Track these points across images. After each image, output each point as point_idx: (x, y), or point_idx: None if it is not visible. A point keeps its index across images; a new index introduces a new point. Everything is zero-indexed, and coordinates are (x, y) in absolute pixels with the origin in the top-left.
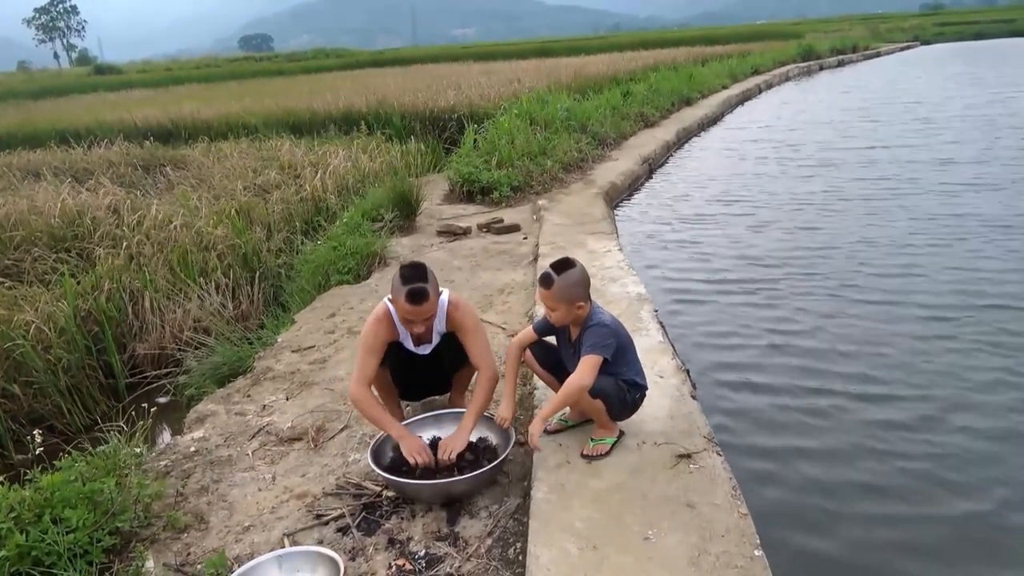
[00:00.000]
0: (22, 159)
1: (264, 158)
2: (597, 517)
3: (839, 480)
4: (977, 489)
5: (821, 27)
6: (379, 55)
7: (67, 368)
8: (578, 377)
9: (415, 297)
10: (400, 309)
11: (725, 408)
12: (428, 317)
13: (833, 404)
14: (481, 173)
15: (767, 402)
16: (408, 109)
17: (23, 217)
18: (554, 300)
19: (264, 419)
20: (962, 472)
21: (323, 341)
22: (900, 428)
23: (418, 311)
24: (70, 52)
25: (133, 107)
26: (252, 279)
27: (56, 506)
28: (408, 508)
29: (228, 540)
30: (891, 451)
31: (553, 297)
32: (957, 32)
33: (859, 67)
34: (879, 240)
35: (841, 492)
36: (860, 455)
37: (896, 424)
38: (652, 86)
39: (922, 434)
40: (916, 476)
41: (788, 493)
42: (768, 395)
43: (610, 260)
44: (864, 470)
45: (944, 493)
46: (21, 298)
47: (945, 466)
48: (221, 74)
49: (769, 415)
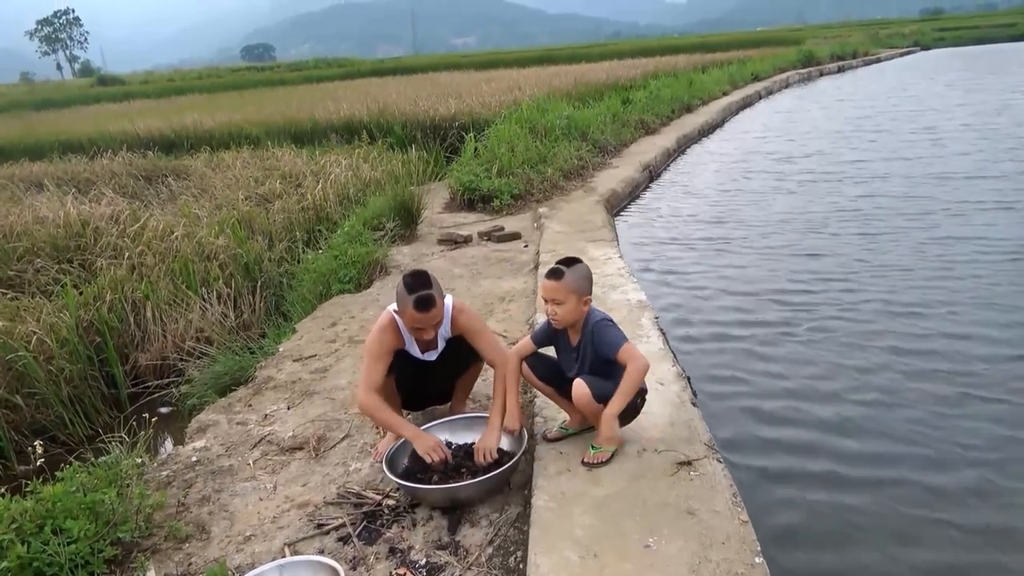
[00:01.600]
0: (24, 170)
1: (266, 167)
2: (598, 525)
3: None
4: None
5: (821, 33)
6: (380, 64)
7: (69, 379)
8: (637, 363)
9: (423, 304)
10: (409, 318)
11: (728, 414)
12: (437, 322)
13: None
14: (482, 181)
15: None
16: (409, 117)
17: (26, 228)
18: (564, 292)
19: (265, 428)
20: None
21: (324, 350)
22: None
23: (427, 317)
24: (73, 63)
25: (135, 118)
26: (254, 288)
27: (57, 517)
28: (409, 517)
29: (229, 550)
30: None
31: (564, 288)
32: (957, 37)
33: (859, 73)
34: (883, 247)
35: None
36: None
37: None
38: (652, 93)
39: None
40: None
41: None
42: (768, 400)
43: (611, 267)
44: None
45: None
46: (23, 309)
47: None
48: (223, 84)
49: (771, 421)
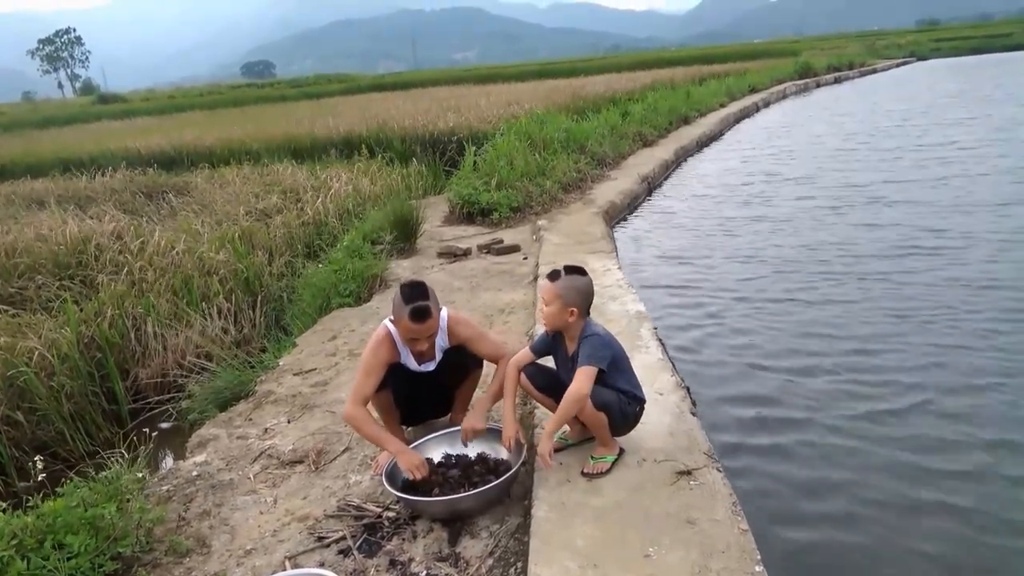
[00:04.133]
0: (26, 188)
1: (266, 183)
2: (598, 535)
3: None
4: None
5: (818, 45)
6: (380, 79)
7: (70, 395)
8: (575, 387)
9: (418, 315)
10: (404, 329)
11: (727, 423)
12: (431, 334)
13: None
14: (481, 194)
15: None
16: (409, 132)
17: (28, 245)
18: (552, 295)
19: (266, 442)
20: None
21: (324, 364)
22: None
23: (421, 328)
24: (74, 82)
25: (137, 135)
26: (254, 303)
27: (58, 532)
28: (409, 529)
29: (230, 564)
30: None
31: (552, 291)
32: (953, 48)
33: (856, 84)
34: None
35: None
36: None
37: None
38: (650, 106)
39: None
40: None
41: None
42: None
43: (610, 279)
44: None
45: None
46: (25, 325)
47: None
48: (224, 101)
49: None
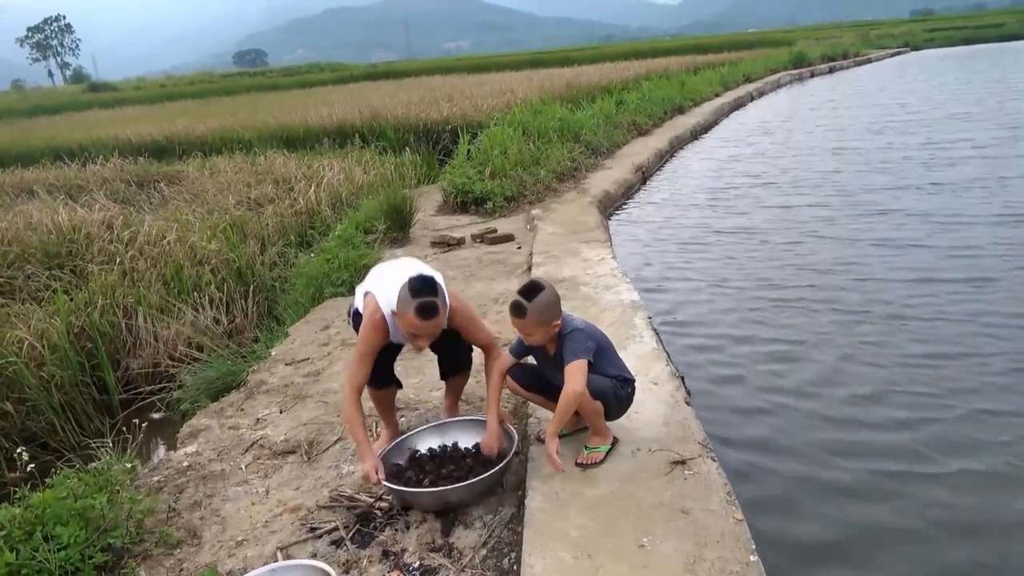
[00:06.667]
0: (15, 177)
1: (258, 172)
2: (592, 525)
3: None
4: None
5: (812, 34)
6: (373, 68)
7: (60, 385)
8: (571, 385)
9: (425, 311)
10: (407, 323)
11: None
12: (434, 332)
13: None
14: (474, 184)
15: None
16: (402, 121)
17: (17, 234)
18: (531, 327)
19: (257, 432)
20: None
21: (317, 353)
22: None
23: (426, 325)
24: (64, 70)
25: (128, 124)
26: (246, 293)
27: (47, 523)
28: (402, 520)
29: (221, 555)
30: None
31: (529, 324)
32: (947, 37)
33: (850, 73)
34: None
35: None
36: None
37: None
38: (644, 95)
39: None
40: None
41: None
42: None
43: (604, 268)
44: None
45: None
46: (14, 315)
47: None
48: (215, 90)
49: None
